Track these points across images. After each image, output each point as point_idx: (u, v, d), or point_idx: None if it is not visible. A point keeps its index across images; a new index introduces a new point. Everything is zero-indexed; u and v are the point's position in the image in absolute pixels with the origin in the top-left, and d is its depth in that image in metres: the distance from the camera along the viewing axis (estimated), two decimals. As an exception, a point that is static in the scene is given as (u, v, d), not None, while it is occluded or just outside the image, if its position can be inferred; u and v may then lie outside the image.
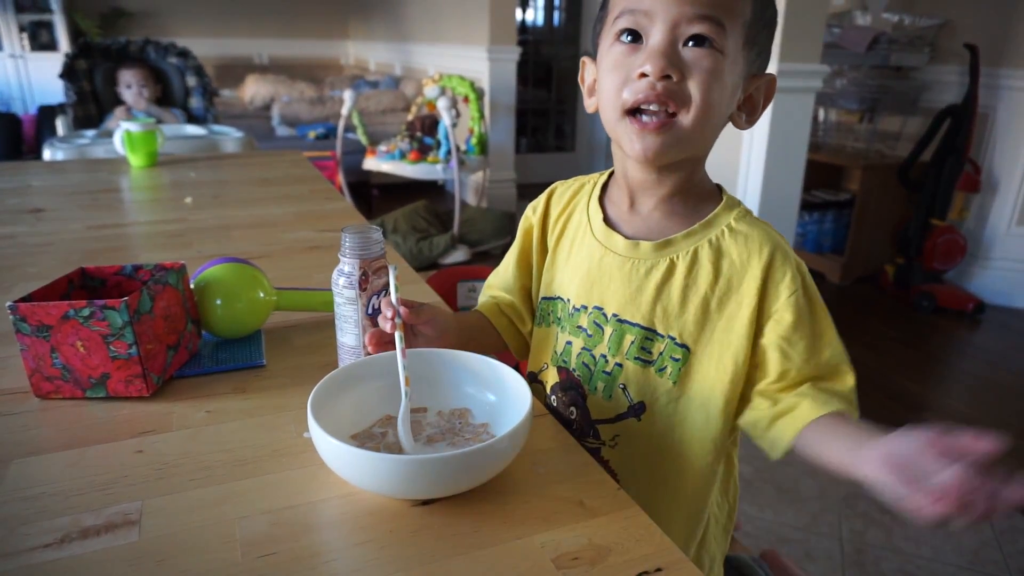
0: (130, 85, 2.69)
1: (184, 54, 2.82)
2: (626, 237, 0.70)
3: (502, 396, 0.66)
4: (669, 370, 0.69)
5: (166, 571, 0.49)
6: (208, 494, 0.58)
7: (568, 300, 0.74)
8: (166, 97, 2.82)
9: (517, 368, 0.66)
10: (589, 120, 5.48)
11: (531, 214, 0.81)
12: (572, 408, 0.75)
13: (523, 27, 5.22)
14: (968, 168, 3.07)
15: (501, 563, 0.50)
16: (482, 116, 3.88)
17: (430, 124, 3.91)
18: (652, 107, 0.62)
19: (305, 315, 0.92)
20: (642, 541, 0.53)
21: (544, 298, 0.79)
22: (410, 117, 4.06)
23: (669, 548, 0.52)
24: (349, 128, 4.06)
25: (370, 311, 0.69)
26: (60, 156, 2.08)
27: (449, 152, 3.60)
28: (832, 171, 3.47)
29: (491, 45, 4.20)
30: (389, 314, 0.65)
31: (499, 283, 0.84)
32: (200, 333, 0.81)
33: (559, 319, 0.76)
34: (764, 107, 0.68)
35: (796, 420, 0.63)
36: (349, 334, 0.70)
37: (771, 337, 0.66)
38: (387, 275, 0.71)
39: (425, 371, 0.67)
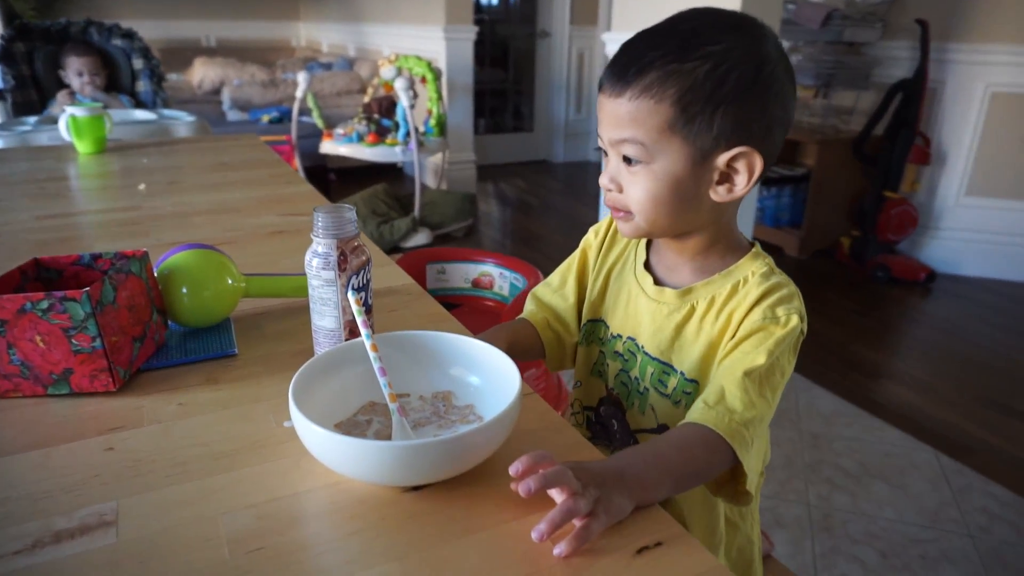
0: (81, 73, 2.57)
1: (129, 35, 2.70)
2: (657, 281, 0.76)
3: (486, 377, 0.64)
4: (683, 403, 0.73)
5: (150, 572, 0.47)
6: (187, 490, 0.55)
7: (609, 327, 0.81)
8: (112, 82, 2.70)
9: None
10: (547, 100, 5.46)
11: (592, 236, 0.86)
12: (613, 421, 0.82)
13: (478, 6, 5.15)
14: (919, 141, 3.15)
15: (499, 546, 0.49)
16: (440, 97, 3.83)
17: (387, 106, 3.84)
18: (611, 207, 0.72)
19: (275, 302, 0.89)
20: (640, 516, 0.52)
21: (590, 320, 0.84)
22: (366, 99, 3.98)
23: (667, 522, 0.52)
24: (304, 111, 3.96)
25: (349, 291, 0.67)
26: (0, 144, 1.98)
27: (408, 134, 3.55)
28: (788, 146, 3.52)
29: (447, 24, 4.14)
30: (369, 345, 0.63)
31: (552, 295, 0.87)
32: (166, 323, 0.78)
33: (600, 339, 0.82)
34: (751, 178, 0.66)
35: (706, 399, 0.65)
36: (328, 317, 0.68)
37: (725, 345, 0.69)
38: (365, 254, 0.69)
39: (403, 356, 0.66)
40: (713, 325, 0.71)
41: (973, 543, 1.60)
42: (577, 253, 0.87)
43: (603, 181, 0.71)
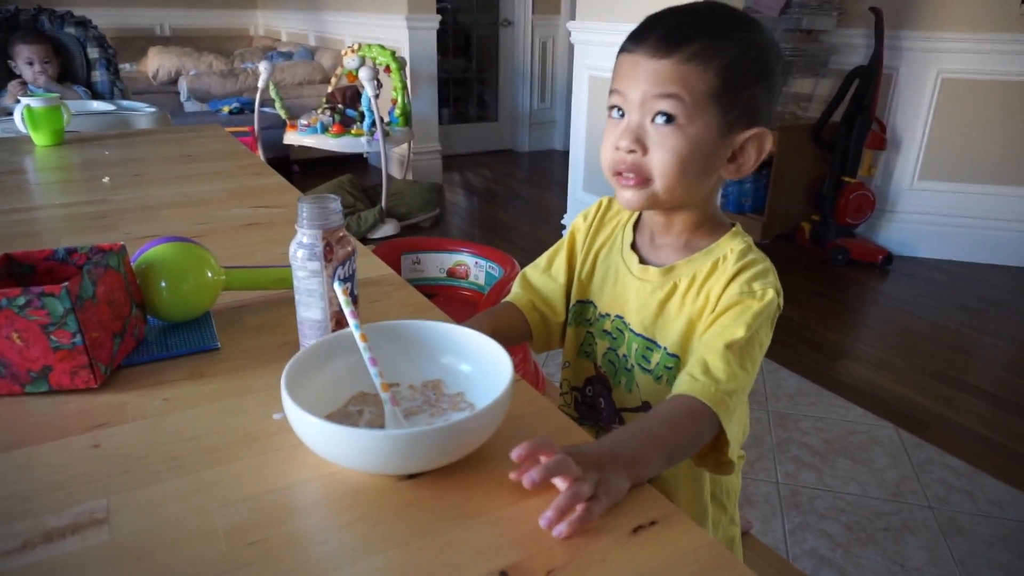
0: (31, 62, 2.47)
1: (83, 23, 2.61)
2: (642, 260, 0.79)
3: (476, 364, 0.65)
4: (665, 378, 0.76)
5: (147, 568, 0.47)
6: (179, 485, 0.55)
7: (597, 307, 0.83)
8: (66, 72, 2.61)
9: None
10: (511, 89, 5.45)
11: (582, 221, 0.87)
12: (600, 399, 0.84)
13: (440, -6, 5.12)
14: (875, 127, 3.23)
15: (500, 529, 0.50)
16: (405, 86, 3.79)
17: (351, 96, 3.79)
18: (627, 172, 0.71)
19: (254, 295, 0.88)
20: (634, 496, 0.54)
21: (579, 301, 0.86)
22: (330, 89, 3.93)
23: (660, 501, 0.53)
24: (265, 102, 3.89)
25: (335, 282, 0.66)
26: (-51, 137, 1.90)
27: (373, 124, 3.51)
28: (750, 133, 3.57)
29: (410, 13, 4.10)
30: (358, 336, 0.62)
31: (539, 276, 0.89)
32: (145, 318, 0.77)
33: (588, 320, 0.84)
34: (758, 158, 0.72)
35: (688, 372, 0.68)
36: (315, 308, 0.68)
37: (705, 320, 0.72)
38: (350, 244, 0.69)
39: (391, 345, 0.66)
40: (694, 302, 0.74)
41: (933, 514, 1.66)
42: (566, 237, 0.89)
43: (623, 143, 0.70)
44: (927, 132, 3.22)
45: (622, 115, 0.71)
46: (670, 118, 0.68)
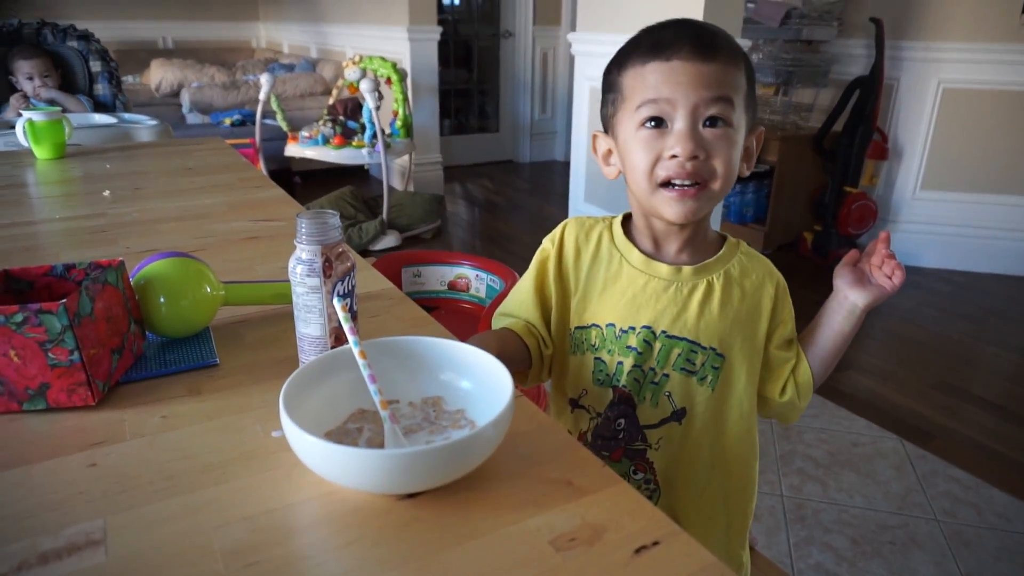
0: (31, 77, 2.49)
1: (86, 37, 2.63)
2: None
3: (477, 381, 0.64)
4: (709, 378, 0.79)
5: (143, 591, 0.46)
6: (176, 505, 0.54)
7: (613, 325, 0.80)
8: (68, 85, 2.62)
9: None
10: (512, 100, 5.47)
11: (549, 246, 0.85)
12: (621, 420, 0.82)
13: (441, 6, 5.14)
14: (876, 137, 3.23)
15: (499, 550, 0.49)
16: (406, 98, 3.80)
17: (353, 107, 3.80)
18: (685, 181, 0.72)
19: (253, 309, 0.88)
20: (635, 515, 0.53)
21: (578, 328, 0.83)
22: (331, 101, 3.94)
23: (662, 521, 0.53)
24: (267, 114, 3.90)
25: (335, 298, 0.66)
26: (-49, 151, 1.90)
27: (375, 136, 3.52)
28: (751, 144, 3.58)
29: (411, 25, 4.12)
30: (357, 353, 0.61)
31: (515, 310, 0.86)
32: (144, 334, 0.76)
33: (594, 346, 0.82)
34: (757, 154, 0.79)
35: (801, 359, 0.82)
36: (314, 324, 0.67)
37: (778, 341, 0.82)
38: (349, 259, 0.68)
39: (391, 362, 0.65)
40: (742, 301, 0.78)
41: (939, 527, 1.65)
42: (534, 269, 0.85)
43: (681, 150, 0.70)
44: (928, 142, 3.22)
45: (659, 124, 0.71)
46: (722, 121, 0.71)
